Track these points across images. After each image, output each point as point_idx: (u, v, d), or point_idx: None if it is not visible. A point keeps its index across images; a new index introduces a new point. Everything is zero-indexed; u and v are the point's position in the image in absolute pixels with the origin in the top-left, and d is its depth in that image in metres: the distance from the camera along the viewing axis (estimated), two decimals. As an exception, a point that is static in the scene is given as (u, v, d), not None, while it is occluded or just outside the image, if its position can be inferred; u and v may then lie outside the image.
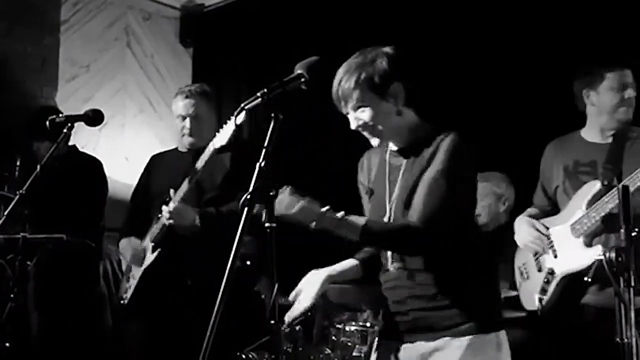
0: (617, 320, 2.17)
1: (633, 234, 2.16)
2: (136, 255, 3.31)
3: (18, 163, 4.35)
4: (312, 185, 2.29)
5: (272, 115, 1.85)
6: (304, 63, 1.94)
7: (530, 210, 3.05)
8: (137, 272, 3.27)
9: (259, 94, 1.84)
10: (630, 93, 2.80)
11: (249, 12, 5.52)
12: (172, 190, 3.10)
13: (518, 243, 3.00)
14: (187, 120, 3.33)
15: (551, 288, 2.79)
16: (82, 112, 3.14)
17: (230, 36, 5.75)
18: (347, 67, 2.08)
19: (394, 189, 2.11)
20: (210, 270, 2.95)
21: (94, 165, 4.09)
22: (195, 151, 3.26)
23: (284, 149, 1.95)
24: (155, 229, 3.23)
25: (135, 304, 3.22)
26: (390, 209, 2.10)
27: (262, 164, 1.78)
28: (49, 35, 5.26)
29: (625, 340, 2.12)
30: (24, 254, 3.23)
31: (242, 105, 1.85)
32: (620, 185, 2.22)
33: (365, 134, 2.12)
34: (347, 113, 2.11)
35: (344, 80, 2.06)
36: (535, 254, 2.93)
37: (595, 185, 2.71)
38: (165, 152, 3.70)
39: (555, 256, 2.81)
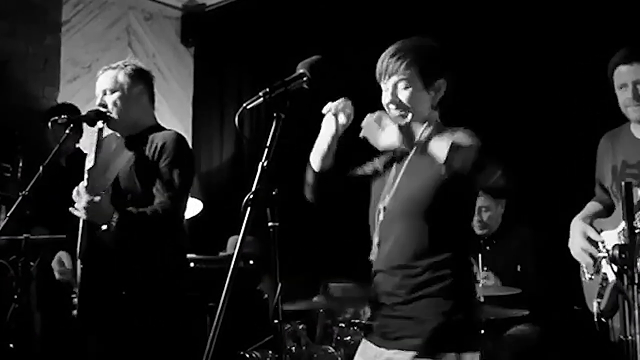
0: (620, 317, 2.16)
1: (637, 230, 2.15)
2: (64, 274, 3.07)
3: (20, 164, 4.36)
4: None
5: (274, 114, 1.85)
6: (305, 62, 1.94)
7: (590, 206, 2.92)
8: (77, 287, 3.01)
9: (261, 94, 1.84)
10: (629, 93, 2.70)
11: (250, 12, 5.52)
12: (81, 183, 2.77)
13: (571, 251, 2.90)
14: (100, 95, 2.97)
15: (606, 293, 2.71)
16: (84, 113, 3.14)
17: (232, 36, 5.75)
18: (403, 45, 2.09)
19: (397, 177, 2.10)
20: (143, 276, 2.83)
21: None
22: (129, 138, 2.99)
23: (286, 148, 1.95)
24: (79, 241, 2.90)
25: (81, 319, 2.95)
26: (389, 199, 2.07)
27: (265, 164, 1.77)
28: (51, 35, 5.26)
29: (629, 337, 2.11)
30: (26, 254, 3.23)
31: (244, 104, 1.85)
32: (623, 183, 2.20)
33: (393, 111, 2.09)
34: (386, 86, 2.10)
35: (397, 56, 2.06)
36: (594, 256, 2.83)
37: (638, 192, 2.64)
38: (107, 136, 3.19)
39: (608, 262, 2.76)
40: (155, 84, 3.19)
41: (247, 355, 3.63)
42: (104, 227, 2.74)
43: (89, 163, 2.73)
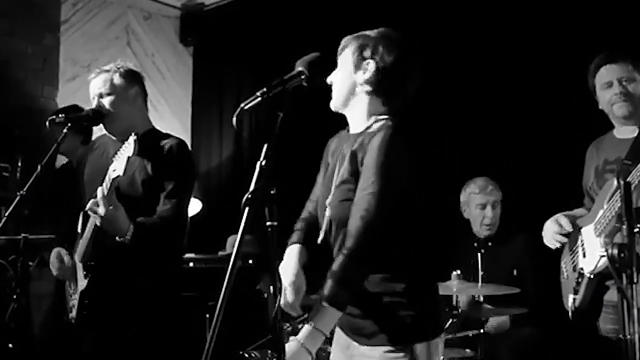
0: (620, 316, 2.16)
1: (635, 230, 2.14)
2: (63, 270, 3.00)
3: (19, 163, 4.36)
4: (313, 183, 2.30)
5: (273, 113, 1.84)
6: (304, 60, 1.93)
7: (576, 210, 2.98)
8: (75, 290, 2.99)
9: (258, 94, 1.82)
10: (616, 89, 2.76)
11: (249, 11, 5.52)
12: (99, 190, 2.68)
13: (544, 240, 2.95)
14: (95, 100, 2.95)
15: (582, 289, 2.74)
16: (83, 112, 3.14)
17: (231, 35, 5.75)
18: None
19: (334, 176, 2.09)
20: (145, 280, 2.84)
21: None
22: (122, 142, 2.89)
23: (284, 147, 1.94)
24: (82, 246, 2.88)
25: (80, 322, 2.94)
26: (334, 194, 2.06)
27: (263, 163, 1.76)
28: (50, 34, 5.27)
29: (628, 336, 2.11)
30: (25, 254, 3.23)
31: (242, 105, 1.83)
32: (622, 181, 2.20)
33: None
34: None
35: (344, 41, 2.15)
36: (572, 253, 2.88)
37: (614, 183, 2.68)
38: (102, 136, 3.17)
39: (584, 256, 2.79)
40: (154, 83, 3.21)
41: (247, 355, 3.62)
42: (118, 239, 2.71)
43: (114, 172, 2.63)
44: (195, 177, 3.12)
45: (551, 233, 2.89)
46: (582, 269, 2.76)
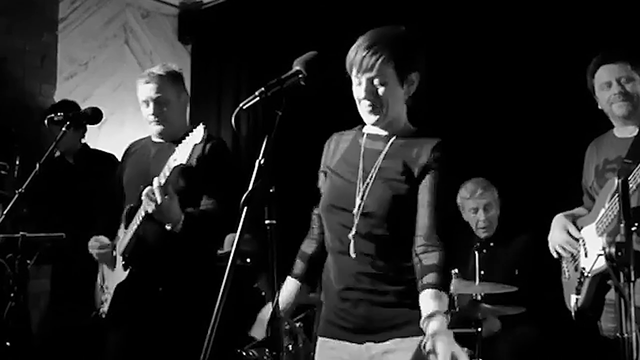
0: (617, 315, 2.16)
1: (633, 228, 2.15)
2: (103, 255, 3.06)
3: (17, 161, 4.35)
4: (311, 182, 2.30)
5: (271, 112, 1.84)
6: (301, 59, 1.92)
7: (576, 209, 2.98)
8: (110, 283, 3.06)
9: (257, 93, 1.82)
10: (615, 89, 2.77)
11: (247, 9, 5.52)
12: (155, 179, 2.74)
13: (549, 244, 2.96)
14: (151, 105, 3.00)
15: (584, 289, 2.73)
16: (81, 110, 3.14)
17: (229, 33, 5.75)
18: (377, 37, 2.05)
19: (369, 171, 2.08)
20: (180, 274, 2.91)
21: (112, 160, 4.07)
22: (170, 143, 2.99)
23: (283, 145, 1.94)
24: (125, 239, 2.97)
25: (113, 317, 3.02)
26: (364, 190, 2.05)
27: (262, 162, 1.76)
28: (48, 32, 5.26)
29: (626, 335, 2.11)
30: (23, 252, 3.23)
31: (240, 105, 1.83)
32: (619, 180, 2.20)
33: (367, 107, 2.08)
34: (359, 80, 2.07)
35: (372, 50, 2.02)
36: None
37: (614, 183, 2.68)
38: (139, 140, 3.29)
39: (586, 255, 2.79)
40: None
41: (244, 354, 3.63)
42: (169, 228, 2.76)
43: (175, 161, 2.66)
44: (237, 171, 3.16)
45: (558, 243, 2.89)
46: (584, 268, 2.75)
